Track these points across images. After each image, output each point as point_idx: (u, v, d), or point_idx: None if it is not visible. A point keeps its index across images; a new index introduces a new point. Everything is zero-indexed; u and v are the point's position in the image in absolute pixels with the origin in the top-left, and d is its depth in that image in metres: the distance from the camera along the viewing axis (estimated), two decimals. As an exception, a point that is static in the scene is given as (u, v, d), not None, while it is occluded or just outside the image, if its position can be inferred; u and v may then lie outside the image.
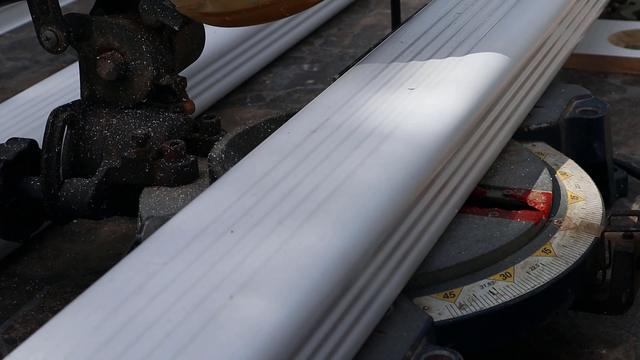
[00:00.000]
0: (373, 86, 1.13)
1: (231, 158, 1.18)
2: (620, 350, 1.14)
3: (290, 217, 0.88)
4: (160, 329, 0.74)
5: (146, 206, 1.15)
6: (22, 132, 1.46)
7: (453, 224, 1.07)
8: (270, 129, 1.24)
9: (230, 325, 0.74)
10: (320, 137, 1.02)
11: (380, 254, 0.90)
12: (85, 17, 1.25)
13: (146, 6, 1.21)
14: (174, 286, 0.79)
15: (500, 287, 1.00)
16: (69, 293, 1.34)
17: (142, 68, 1.24)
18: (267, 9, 1.13)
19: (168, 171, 1.18)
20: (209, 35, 1.39)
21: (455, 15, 1.33)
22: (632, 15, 2.10)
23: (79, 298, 0.79)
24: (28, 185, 1.25)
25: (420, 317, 0.93)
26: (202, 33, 1.33)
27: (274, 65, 2.10)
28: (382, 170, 0.95)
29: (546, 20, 1.35)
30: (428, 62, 1.18)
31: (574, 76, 1.90)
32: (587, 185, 1.18)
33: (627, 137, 1.66)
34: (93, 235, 1.48)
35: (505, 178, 1.17)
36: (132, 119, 1.25)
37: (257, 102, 1.93)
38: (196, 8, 1.15)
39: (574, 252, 1.05)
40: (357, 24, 2.34)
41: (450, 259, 1.01)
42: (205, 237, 0.85)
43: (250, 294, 0.77)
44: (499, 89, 1.16)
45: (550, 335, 1.18)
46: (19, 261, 1.43)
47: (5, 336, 1.26)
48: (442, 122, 1.05)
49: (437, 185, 1.01)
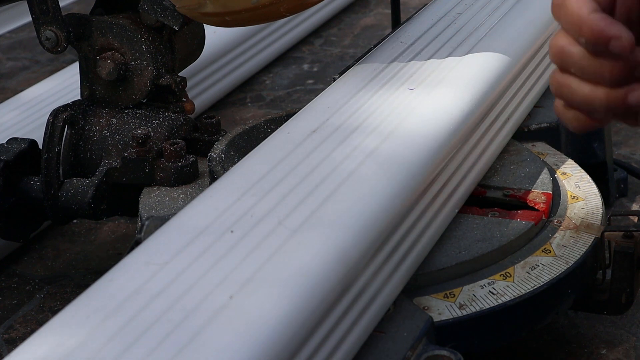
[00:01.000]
0: (373, 86, 1.13)
1: (231, 158, 1.18)
2: (620, 350, 1.14)
3: (290, 217, 0.88)
4: (160, 329, 0.74)
5: (146, 206, 1.14)
6: (22, 132, 1.46)
7: (453, 224, 1.07)
8: (270, 129, 1.24)
9: (230, 325, 0.74)
10: (320, 137, 1.01)
11: (380, 254, 0.90)
12: (85, 17, 1.25)
13: (146, 6, 1.21)
14: (174, 286, 0.79)
15: (500, 287, 1.00)
16: (69, 293, 1.34)
17: (142, 68, 1.24)
18: (267, 9, 1.13)
19: (168, 171, 1.18)
20: (209, 35, 1.39)
21: (455, 15, 1.33)
22: (632, 15, 2.10)
23: (79, 298, 0.79)
24: (28, 185, 1.25)
25: (420, 317, 0.93)
26: (202, 33, 1.33)
27: (274, 65, 2.10)
28: (382, 170, 0.95)
29: (546, 20, 1.35)
30: (428, 62, 1.18)
31: (574, 76, 1.89)
32: (587, 185, 1.18)
33: (627, 137, 1.66)
34: (93, 235, 1.48)
35: (505, 178, 1.16)
36: (132, 119, 1.25)
37: (257, 102, 1.93)
38: (196, 8, 1.15)
39: (574, 252, 1.05)
40: (357, 24, 2.34)
41: (450, 259, 1.01)
42: (205, 237, 0.85)
43: (250, 294, 0.77)
44: (499, 89, 1.16)
45: (550, 335, 1.18)
46: (19, 261, 1.43)
47: (5, 336, 1.26)
48: (442, 122, 1.05)
49: (437, 186, 1.01)
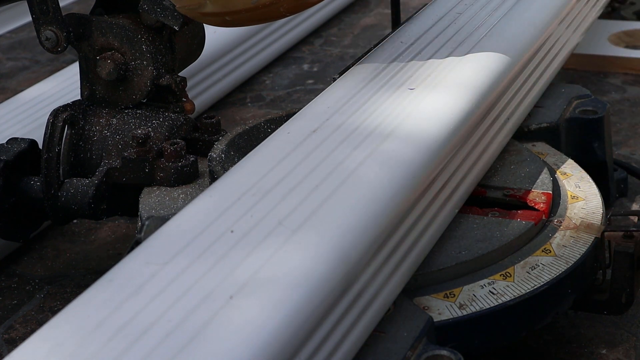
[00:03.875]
0: (373, 86, 1.13)
1: (231, 158, 1.18)
2: (620, 350, 1.14)
3: (290, 217, 0.88)
4: (160, 329, 0.74)
5: (146, 206, 1.14)
6: (22, 132, 1.46)
7: (453, 224, 1.07)
8: (270, 129, 1.24)
9: (230, 326, 0.74)
10: (320, 137, 1.01)
11: (380, 254, 0.90)
12: (85, 17, 1.25)
13: (146, 6, 1.21)
14: (174, 286, 0.79)
15: (500, 287, 1.00)
16: (69, 293, 1.34)
17: (142, 68, 1.24)
18: (267, 9, 1.13)
19: (168, 171, 1.18)
20: (209, 35, 1.39)
21: (455, 15, 1.33)
22: (632, 15, 2.10)
23: (79, 298, 0.79)
24: (28, 185, 1.25)
25: (420, 317, 0.93)
26: (202, 33, 1.33)
27: (274, 65, 2.10)
28: (382, 170, 0.95)
29: (546, 20, 1.35)
30: (428, 62, 1.18)
31: (574, 76, 1.90)
32: (587, 185, 1.18)
33: (627, 137, 1.66)
34: (93, 235, 1.48)
35: (505, 178, 1.16)
36: (132, 119, 1.25)
37: (257, 102, 1.93)
38: (196, 8, 1.15)
39: (574, 252, 1.05)
40: (357, 24, 2.34)
41: (450, 259, 1.01)
42: (205, 237, 0.85)
43: (250, 294, 0.77)
44: (499, 89, 1.16)
45: (550, 335, 1.18)
46: (19, 261, 1.43)
47: (5, 336, 1.26)
48: (442, 122, 1.05)
49: (437, 185, 1.01)
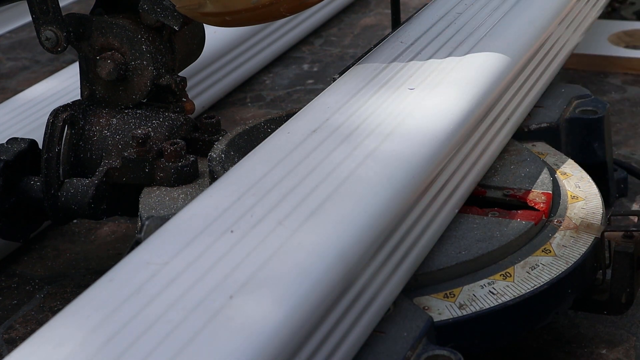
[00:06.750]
0: (373, 86, 1.13)
1: (231, 158, 1.18)
2: (620, 350, 1.14)
3: (290, 217, 0.88)
4: (160, 329, 0.74)
5: (146, 206, 1.14)
6: (22, 132, 1.46)
7: (453, 224, 1.07)
8: (270, 129, 1.24)
9: (230, 325, 0.74)
10: (320, 137, 1.02)
11: (380, 253, 0.90)
12: (85, 17, 1.25)
13: (146, 6, 1.21)
14: (174, 286, 0.79)
15: (500, 287, 1.00)
16: (69, 293, 1.34)
17: (142, 68, 1.24)
18: (267, 9, 1.13)
19: (168, 171, 1.18)
20: (209, 35, 1.39)
21: (455, 15, 1.33)
22: (632, 15, 2.10)
23: (79, 298, 0.79)
24: (28, 185, 1.25)
25: (420, 317, 0.93)
26: (202, 33, 1.33)
27: (274, 65, 2.10)
28: (382, 170, 0.95)
29: (546, 20, 1.35)
30: (428, 62, 1.18)
31: (574, 76, 1.90)
32: (587, 185, 1.18)
33: (627, 137, 1.66)
34: (93, 235, 1.48)
35: (505, 178, 1.16)
36: (132, 119, 1.25)
37: (257, 102, 1.93)
38: (196, 8, 1.15)
39: (574, 252, 1.05)
40: (357, 24, 2.34)
41: (450, 259, 1.01)
42: (205, 237, 0.85)
43: (250, 294, 0.77)
44: (499, 89, 1.16)
45: (550, 335, 1.18)
46: (19, 261, 1.43)
47: (5, 336, 1.26)
48: (442, 122, 1.05)
49: (437, 185, 1.01)
